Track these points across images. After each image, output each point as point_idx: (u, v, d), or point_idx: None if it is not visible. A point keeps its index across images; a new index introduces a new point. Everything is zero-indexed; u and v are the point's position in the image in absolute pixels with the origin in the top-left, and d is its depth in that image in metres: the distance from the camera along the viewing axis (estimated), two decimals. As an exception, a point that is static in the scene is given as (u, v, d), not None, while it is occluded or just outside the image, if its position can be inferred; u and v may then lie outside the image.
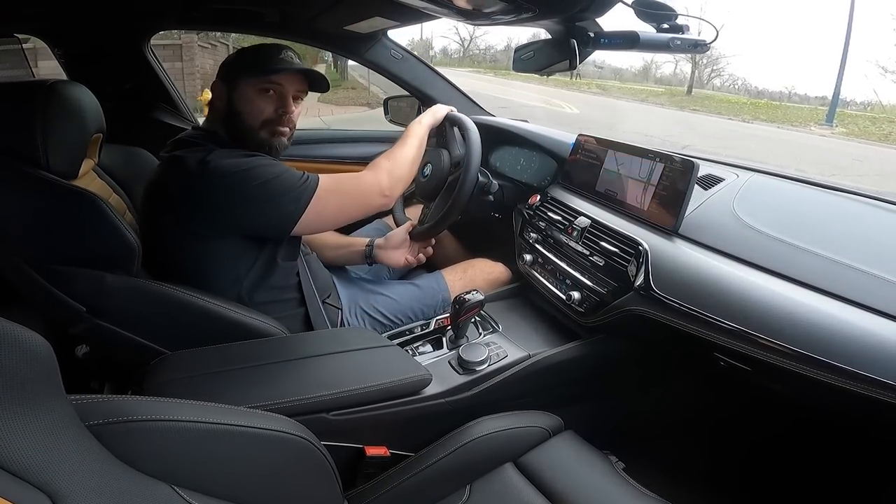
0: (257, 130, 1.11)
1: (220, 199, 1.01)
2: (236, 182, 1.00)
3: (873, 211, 1.02)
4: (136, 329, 0.98)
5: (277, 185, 1.02)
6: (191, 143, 1.08)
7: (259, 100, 1.10)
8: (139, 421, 0.52)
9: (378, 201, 1.17)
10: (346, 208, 1.13)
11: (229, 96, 1.10)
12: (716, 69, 30.29)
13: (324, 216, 1.09)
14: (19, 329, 0.40)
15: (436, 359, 1.14)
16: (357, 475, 0.98)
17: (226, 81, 1.11)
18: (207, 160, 1.00)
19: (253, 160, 1.04)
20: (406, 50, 1.88)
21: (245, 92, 1.10)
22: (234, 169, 1.01)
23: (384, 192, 1.16)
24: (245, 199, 1.01)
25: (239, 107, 1.10)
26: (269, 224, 1.05)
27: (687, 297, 0.94)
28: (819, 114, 17.40)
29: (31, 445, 0.39)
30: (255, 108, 1.10)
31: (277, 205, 1.03)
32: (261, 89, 1.10)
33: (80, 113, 0.96)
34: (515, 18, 0.98)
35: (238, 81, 1.10)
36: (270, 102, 1.11)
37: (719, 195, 1.13)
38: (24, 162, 0.87)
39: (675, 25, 0.91)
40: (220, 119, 1.13)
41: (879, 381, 0.71)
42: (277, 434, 0.64)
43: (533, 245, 1.37)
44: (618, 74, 37.34)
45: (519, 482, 0.95)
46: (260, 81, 1.10)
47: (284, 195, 1.03)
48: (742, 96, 26.29)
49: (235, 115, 1.10)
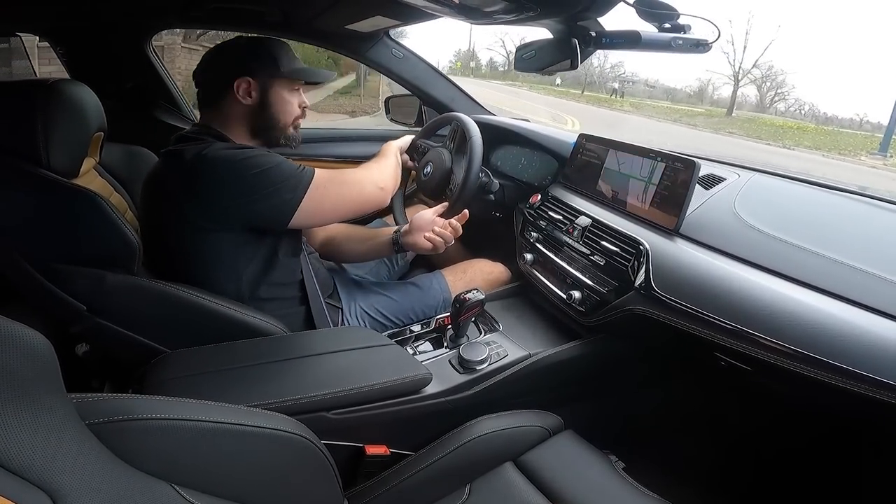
0: (288, 126, 1.17)
1: (218, 188, 1.01)
2: (233, 171, 1.01)
3: (875, 211, 1.02)
4: (137, 328, 0.98)
5: (274, 175, 1.03)
6: (191, 139, 1.09)
7: (292, 99, 1.16)
8: (139, 420, 0.52)
9: (374, 192, 1.19)
10: (343, 199, 1.14)
11: (262, 94, 1.12)
12: (780, 93, 29.43)
13: (322, 207, 1.10)
14: (20, 327, 0.40)
15: (436, 358, 1.14)
16: (357, 474, 0.98)
17: (255, 78, 1.11)
18: (204, 153, 1.00)
19: (249, 151, 1.05)
20: (407, 49, 1.88)
21: (280, 91, 1.13)
22: (232, 159, 1.01)
23: (378, 185, 1.20)
24: (242, 188, 1.01)
25: (275, 105, 1.14)
26: (267, 213, 1.05)
27: (687, 297, 0.94)
28: (874, 142, 16.08)
29: (32, 444, 0.39)
30: (289, 107, 1.16)
31: (275, 194, 1.03)
32: (292, 89, 1.16)
33: (81, 112, 0.96)
34: (517, 18, 0.97)
35: (272, 80, 1.12)
36: (296, 99, 1.17)
37: (720, 195, 1.13)
38: (25, 160, 0.87)
39: (676, 25, 0.90)
40: (245, 115, 1.13)
41: (880, 381, 0.71)
42: (278, 433, 0.64)
43: (534, 244, 1.37)
44: (670, 94, 36.41)
45: (519, 481, 0.95)
46: (295, 83, 1.16)
47: (282, 184, 1.04)
48: (802, 121, 25.25)
49: (269, 112, 1.13)
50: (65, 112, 0.92)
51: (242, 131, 1.14)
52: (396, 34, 1.85)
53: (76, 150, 0.96)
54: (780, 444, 1.26)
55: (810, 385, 0.78)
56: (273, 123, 1.15)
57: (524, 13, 0.93)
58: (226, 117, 1.13)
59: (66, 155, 0.92)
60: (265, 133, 1.15)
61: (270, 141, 1.16)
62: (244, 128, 1.14)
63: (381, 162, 1.28)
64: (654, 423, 1.35)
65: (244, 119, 1.13)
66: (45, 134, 0.87)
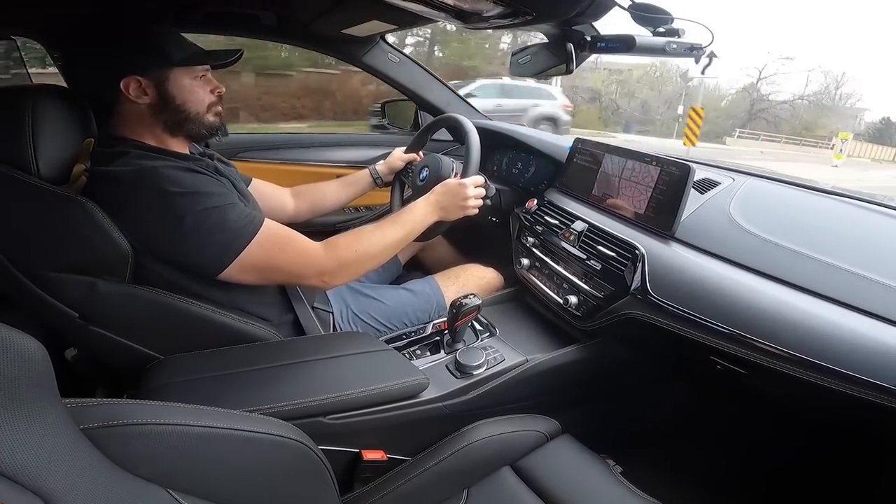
0: (203, 115, 1.07)
1: (147, 218, 0.93)
2: (167, 204, 0.92)
3: (869, 215, 1.03)
4: (129, 334, 0.97)
5: (216, 218, 0.94)
6: (115, 156, 0.98)
7: (196, 87, 1.06)
8: (134, 425, 0.52)
9: (311, 282, 1.05)
10: (275, 268, 1.01)
11: (159, 88, 1.02)
12: None
13: (256, 265, 0.99)
14: (14, 333, 0.40)
15: (433, 363, 1.13)
16: (354, 479, 0.97)
17: (144, 75, 1.00)
18: (141, 172, 0.92)
19: (192, 181, 0.95)
20: (403, 53, 1.89)
21: (179, 82, 1.03)
22: (171, 189, 0.92)
23: (323, 278, 1.05)
24: (174, 228, 0.92)
25: (179, 97, 1.03)
26: (196, 261, 0.96)
27: (683, 301, 0.94)
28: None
29: (26, 449, 0.39)
30: (196, 95, 1.06)
31: (210, 241, 0.94)
32: (195, 77, 1.05)
33: (70, 118, 0.95)
34: (512, 22, 0.98)
35: (165, 72, 1.02)
36: (204, 86, 1.08)
37: (715, 199, 1.14)
38: (14, 168, 0.86)
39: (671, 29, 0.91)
40: (148, 114, 1.03)
41: (874, 384, 0.71)
42: (274, 438, 0.64)
43: (530, 249, 1.37)
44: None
45: (516, 486, 0.95)
46: (196, 70, 1.05)
47: (221, 231, 0.95)
48: None
49: (173, 105, 1.03)
50: (54, 119, 0.91)
51: (156, 131, 1.05)
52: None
53: (66, 156, 0.95)
54: (777, 449, 1.26)
55: (806, 388, 0.78)
56: (184, 116, 1.05)
57: (519, 17, 0.94)
58: (130, 122, 1.03)
59: (56, 162, 0.91)
60: (179, 127, 1.05)
61: (191, 134, 1.07)
62: (156, 127, 1.04)
63: (371, 245, 1.11)
64: (652, 427, 1.35)
65: (150, 118, 1.03)
66: (35, 141, 0.86)
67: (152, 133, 1.04)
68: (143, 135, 1.03)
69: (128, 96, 1.00)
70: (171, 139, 1.06)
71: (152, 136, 1.04)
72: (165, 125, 1.04)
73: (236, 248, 0.95)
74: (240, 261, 0.95)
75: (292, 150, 1.93)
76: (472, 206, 1.27)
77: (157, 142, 1.04)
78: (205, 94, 1.07)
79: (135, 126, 1.03)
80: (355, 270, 1.09)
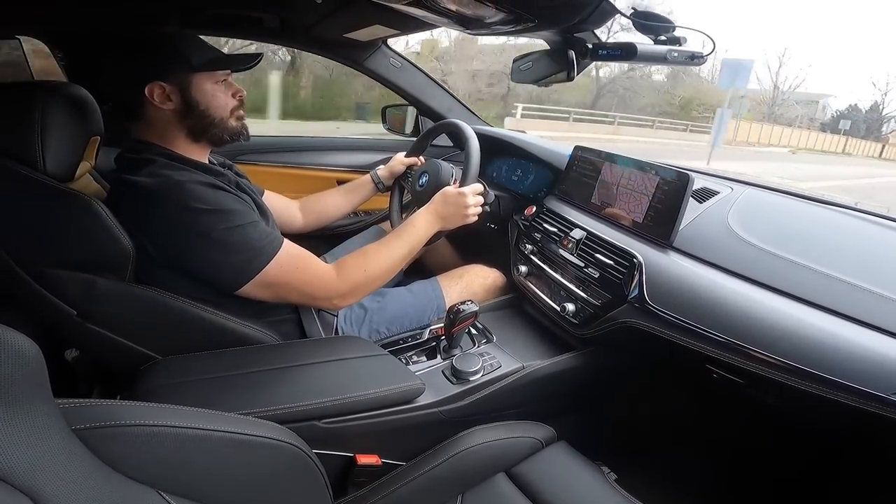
0: (227, 120, 1.08)
1: (171, 232, 0.94)
2: (192, 220, 0.93)
3: (866, 226, 1.03)
4: (127, 334, 0.97)
5: (238, 236, 0.95)
6: (142, 163, 0.99)
7: (219, 91, 1.06)
8: (127, 426, 0.52)
9: (321, 304, 1.08)
10: (291, 287, 1.02)
11: (183, 94, 1.02)
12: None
13: (273, 284, 1.00)
14: (7, 331, 0.40)
15: (429, 368, 1.13)
16: (348, 483, 0.97)
17: (167, 81, 1.01)
18: (167, 185, 0.94)
19: (217, 198, 0.96)
20: (405, 58, 1.89)
21: (201, 87, 1.04)
22: (196, 206, 0.93)
23: (333, 301, 1.07)
24: (197, 244, 0.94)
25: (202, 103, 1.04)
26: (215, 276, 0.98)
27: (680, 310, 0.94)
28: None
29: (16, 449, 0.39)
30: (219, 100, 1.06)
31: (231, 259, 0.95)
32: (216, 81, 1.06)
33: (78, 115, 0.96)
34: (515, 29, 0.98)
35: (188, 77, 1.03)
36: (226, 90, 1.08)
37: (714, 208, 1.14)
38: (20, 163, 0.86)
39: (672, 37, 0.92)
40: (174, 120, 1.03)
41: (870, 394, 0.71)
42: (267, 441, 0.63)
43: (528, 256, 1.37)
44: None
45: (511, 492, 0.95)
46: (216, 75, 1.06)
47: (244, 250, 0.96)
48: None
49: (198, 111, 1.04)
50: (63, 115, 0.91)
51: (181, 137, 1.05)
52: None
53: (72, 153, 0.95)
54: (773, 458, 1.26)
55: (802, 397, 0.78)
56: (208, 122, 1.06)
57: (522, 24, 0.94)
58: (156, 127, 1.04)
59: (62, 159, 0.91)
60: (204, 133, 1.06)
61: (213, 140, 1.08)
62: (181, 133, 1.05)
63: (378, 264, 1.11)
64: (647, 434, 1.35)
65: (176, 124, 1.04)
66: (42, 137, 0.87)
67: (176, 139, 1.05)
68: (167, 140, 1.04)
69: (152, 102, 1.01)
70: (194, 145, 1.07)
71: (176, 143, 1.05)
72: (190, 131, 1.05)
73: (256, 267, 0.97)
74: (258, 279, 0.97)
75: (293, 153, 1.93)
76: (472, 215, 1.27)
77: (181, 149, 1.05)
78: (227, 98, 1.08)
79: (161, 131, 1.04)
80: (364, 291, 1.11)
